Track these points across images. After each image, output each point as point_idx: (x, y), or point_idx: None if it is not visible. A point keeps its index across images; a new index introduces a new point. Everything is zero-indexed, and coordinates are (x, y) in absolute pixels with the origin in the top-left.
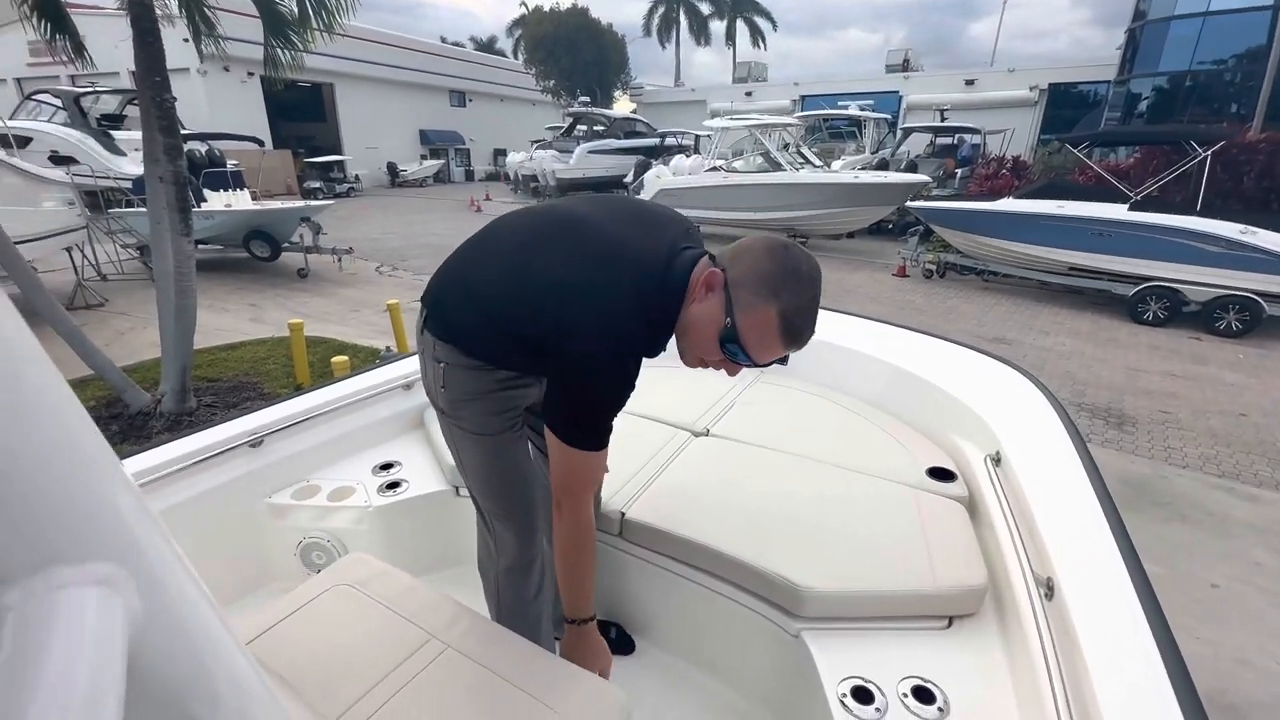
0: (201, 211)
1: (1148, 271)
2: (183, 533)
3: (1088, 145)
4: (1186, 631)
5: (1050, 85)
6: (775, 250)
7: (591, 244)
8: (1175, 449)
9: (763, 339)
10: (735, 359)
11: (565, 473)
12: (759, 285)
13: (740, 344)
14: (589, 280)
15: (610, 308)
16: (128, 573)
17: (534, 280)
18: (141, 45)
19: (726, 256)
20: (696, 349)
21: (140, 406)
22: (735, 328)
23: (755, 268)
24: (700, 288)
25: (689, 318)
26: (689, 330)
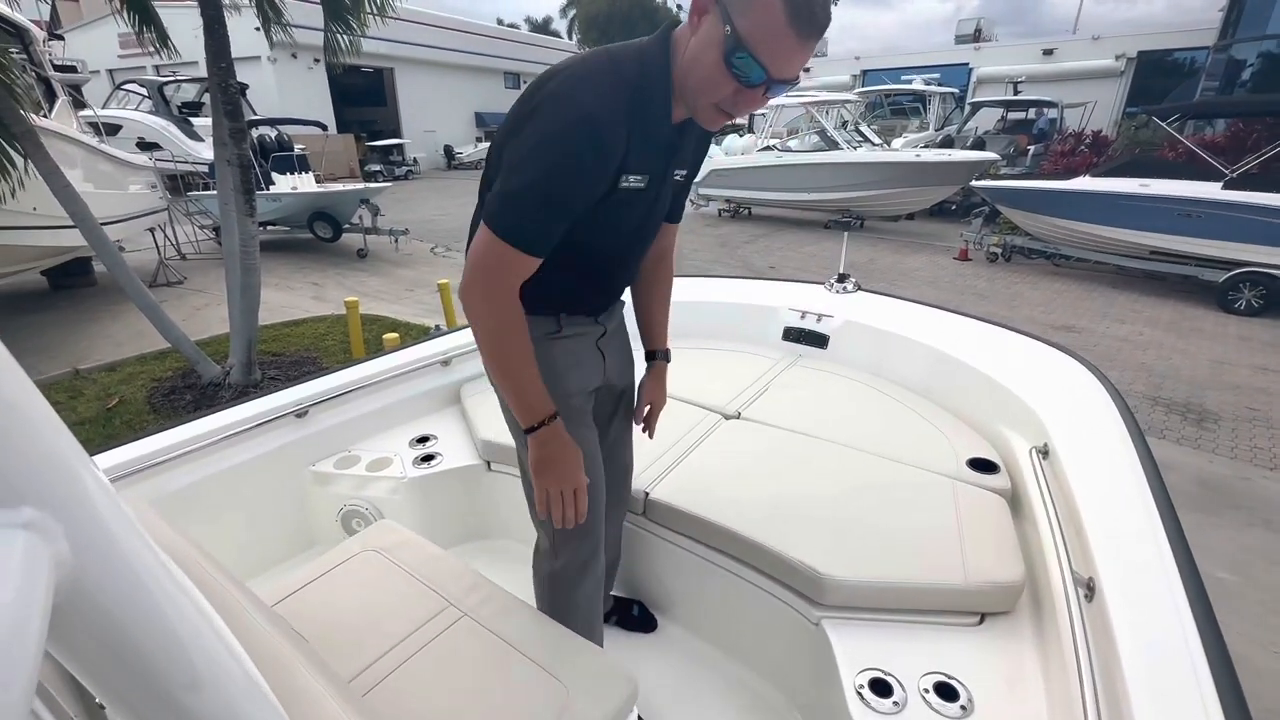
0: (269, 194)
1: (1242, 255)
2: (234, 495)
3: (1180, 117)
4: (1261, 644)
5: (1139, 53)
6: None
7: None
8: (1262, 449)
9: (771, 33)
10: (750, 79)
11: (477, 260)
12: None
13: (749, 51)
14: (570, 65)
15: (580, 67)
16: (56, 520)
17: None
18: (209, 33)
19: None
20: (705, 92)
21: (211, 377)
22: (737, 32)
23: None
24: (692, 20)
25: (688, 56)
26: (690, 73)
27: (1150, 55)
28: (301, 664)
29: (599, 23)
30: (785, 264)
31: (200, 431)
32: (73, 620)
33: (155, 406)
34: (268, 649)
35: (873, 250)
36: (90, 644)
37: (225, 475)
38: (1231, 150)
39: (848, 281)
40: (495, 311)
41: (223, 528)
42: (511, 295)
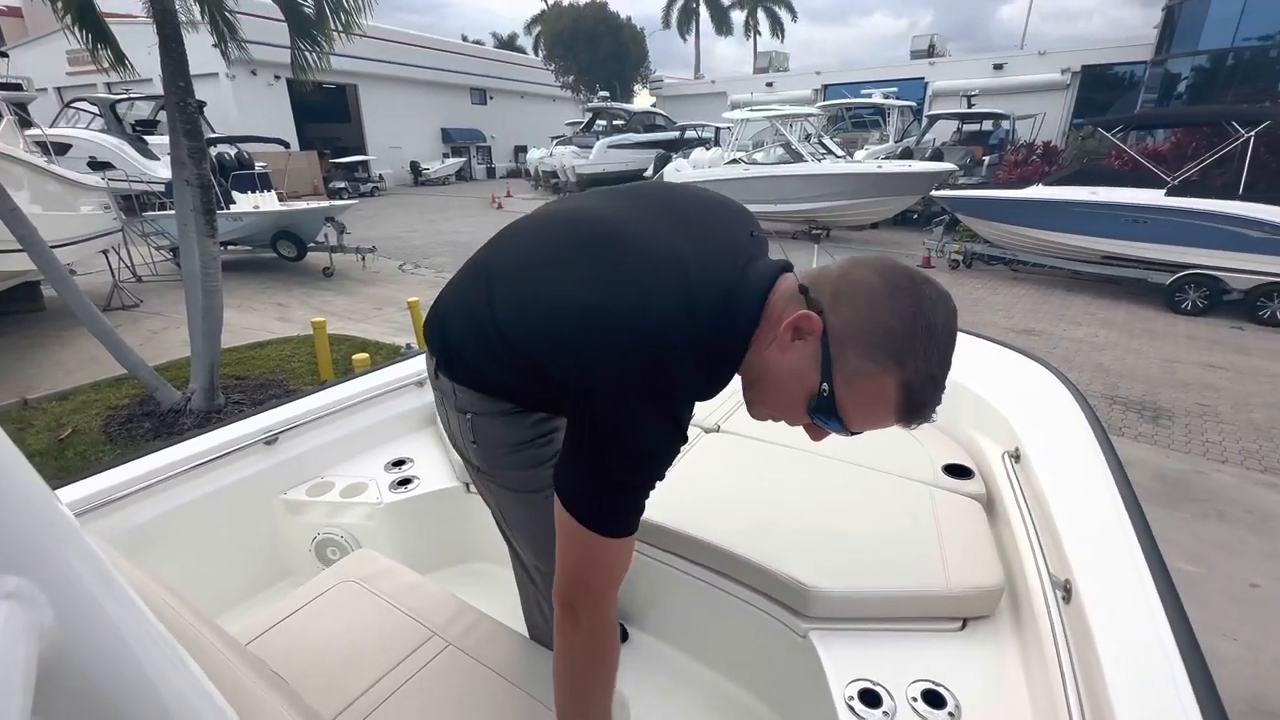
0: (230, 213)
1: (1186, 259)
2: (202, 527)
3: (1123, 128)
4: (1224, 633)
5: (1083, 68)
6: (899, 291)
7: (630, 255)
8: (1214, 443)
9: (871, 413)
10: (825, 427)
11: (582, 565)
12: (876, 345)
13: (840, 419)
14: (627, 305)
15: (656, 343)
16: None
17: (554, 304)
18: (165, 51)
19: (825, 290)
20: (771, 407)
21: (171, 404)
22: (834, 397)
23: (872, 319)
24: (786, 331)
25: (765, 364)
26: (762, 380)
27: (1093, 69)
28: (281, 706)
29: (564, 39)
30: None
31: (163, 463)
32: (57, 692)
33: (112, 436)
34: (245, 693)
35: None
36: (75, 717)
37: (191, 508)
38: (1173, 159)
39: None
40: (603, 632)
41: (189, 563)
42: (614, 602)
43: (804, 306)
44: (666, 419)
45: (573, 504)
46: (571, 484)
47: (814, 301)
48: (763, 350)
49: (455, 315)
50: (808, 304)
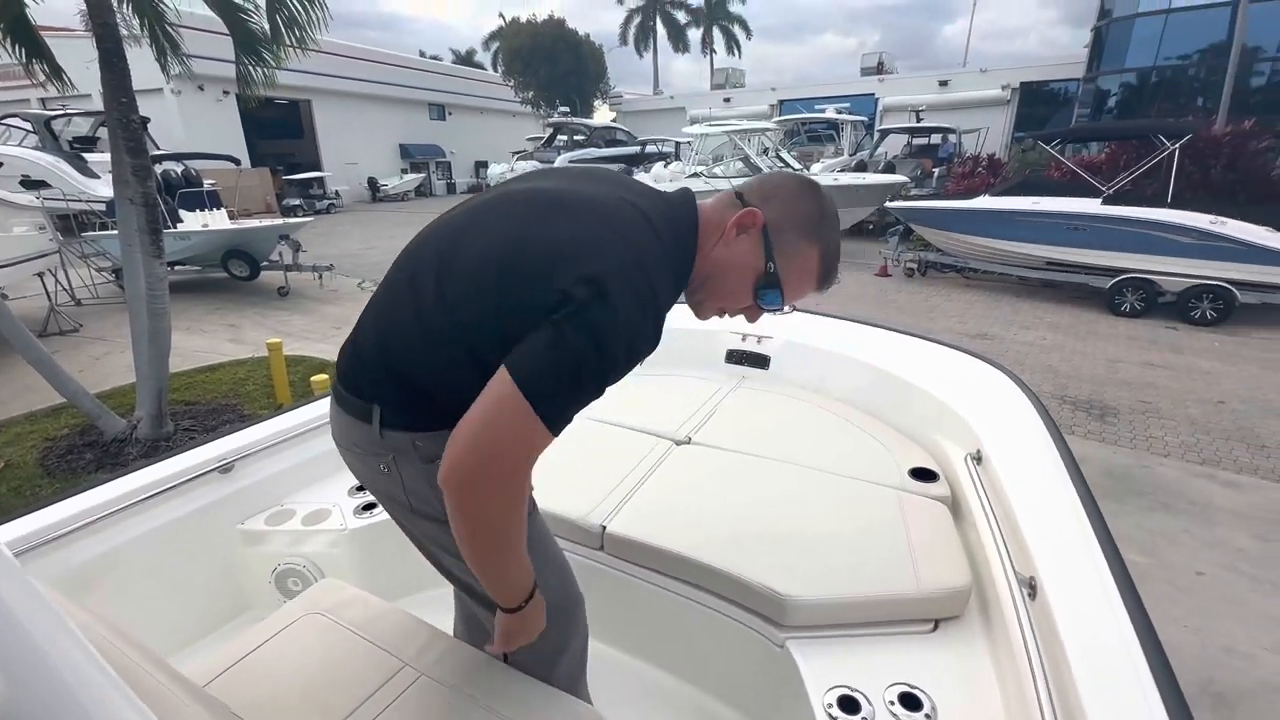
0: (177, 232)
1: (1123, 264)
2: (153, 563)
3: (1060, 142)
4: (1174, 621)
5: (1022, 84)
6: (808, 188)
7: (583, 200)
8: (1156, 438)
9: (802, 281)
10: (767, 305)
11: (510, 442)
12: (802, 228)
13: (780, 289)
14: (604, 228)
15: (638, 253)
16: None
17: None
18: (106, 66)
19: (755, 194)
20: (721, 298)
21: (115, 433)
22: (777, 271)
23: (796, 210)
24: (732, 228)
25: (715, 260)
26: (715, 275)
27: (1031, 86)
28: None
29: (523, 55)
30: None
31: (110, 496)
32: None
33: (50, 469)
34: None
35: None
36: None
37: (141, 543)
38: (1108, 169)
39: None
40: (512, 495)
41: (141, 602)
42: (528, 475)
43: (739, 209)
44: (649, 321)
45: (533, 385)
46: (538, 368)
47: (748, 203)
48: (710, 251)
49: (396, 334)
50: (747, 202)
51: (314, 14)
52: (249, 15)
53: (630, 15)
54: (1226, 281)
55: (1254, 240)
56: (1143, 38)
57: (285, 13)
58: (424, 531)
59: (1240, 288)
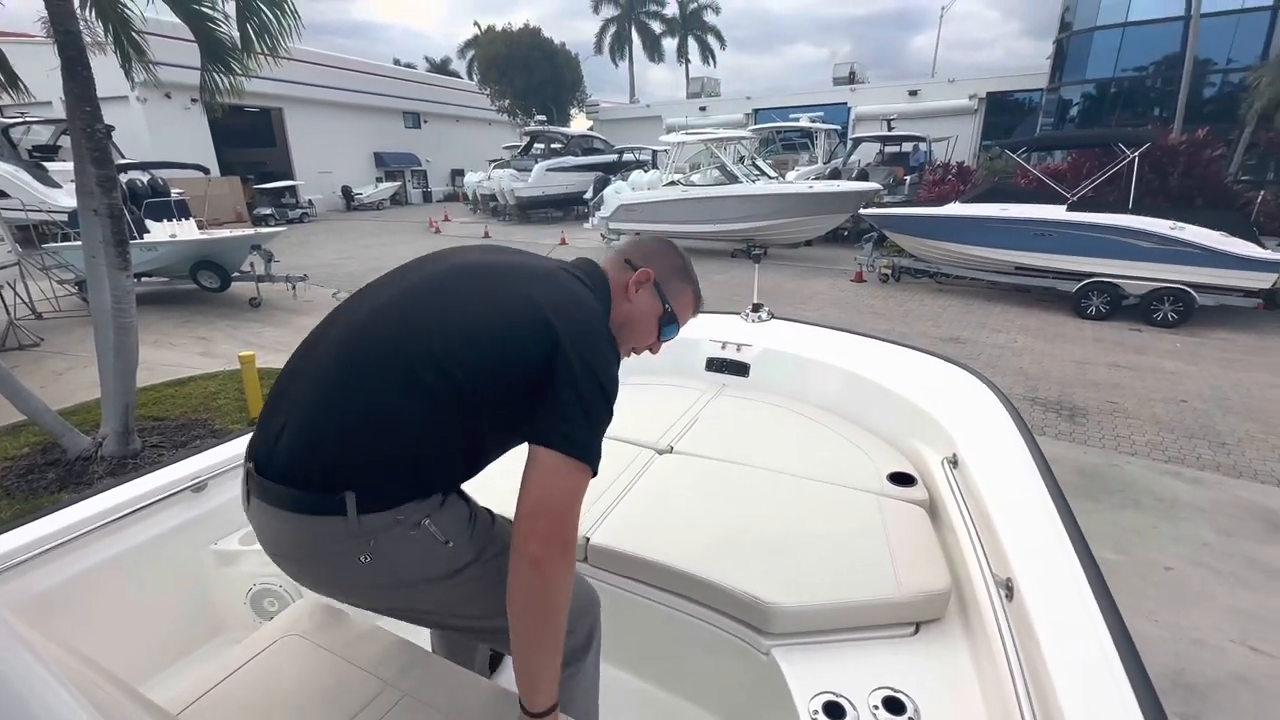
0: (144, 243)
1: (1088, 268)
2: (122, 587)
3: (1026, 150)
4: (1145, 615)
5: (988, 94)
6: (671, 246)
7: (526, 271)
8: (1124, 437)
9: (686, 314)
10: (667, 337)
11: (570, 504)
12: (677, 274)
13: (677, 323)
14: (562, 289)
15: (585, 294)
16: None
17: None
18: (69, 74)
19: (639, 257)
20: (633, 341)
21: (80, 451)
22: (672, 311)
23: (670, 263)
24: (633, 285)
25: (624, 314)
26: (626, 325)
27: (997, 95)
28: None
29: (498, 64)
30: None
31: (76, 519)
32: None
33: (9, 490)
34: None
35: (778, 275)
36: None
37: (110, 567)
38: (1072, 177)
39: (762, 311)
40: (571, 570)
41: (109, 628)
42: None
43: (632, 271)
44: (616, 364)
45: (577, 449)
46: (570, 430)
47: (638, 265)
48: (620, 305)
49: (374, 412)
50: (634, 268)
51: (285, 22)
52: (217, 24)
53: (606, 24)
54: (1186, 284)
55: (1210, 245)
56: (1102, 50)
57: (256, 21)
58: (432, 599)
59: (1199, 290)
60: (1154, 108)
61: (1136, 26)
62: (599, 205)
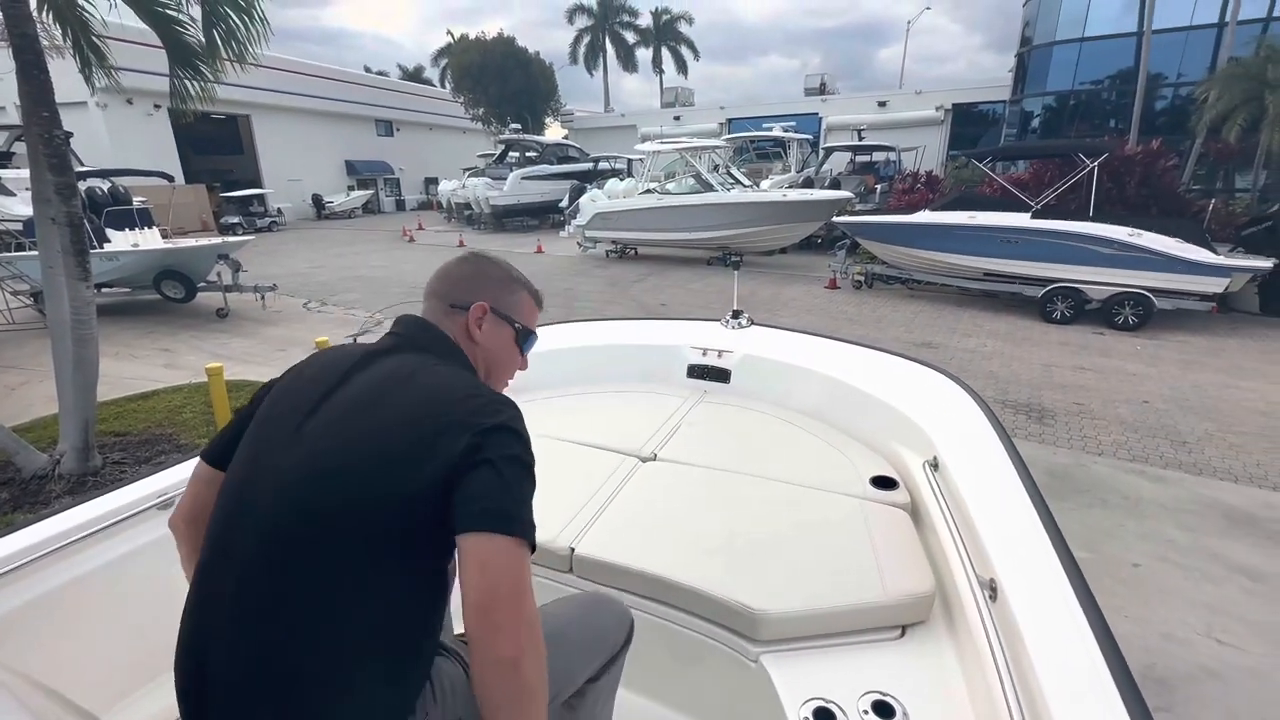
0: (104, 253)
1: (1052, 274)
2: (85, 610)
3: (991, 160)
4: (1116, 611)
5: (954, 105)
6: (483, 259)
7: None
8: (1090, 438)
9: (533, 318)
10: (528, 347)
11: (519, 584)
12: (505, 287)
13: (532, 332)
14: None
15: (445, 373)
16: None
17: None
18: (26, 78)
19: (463, 292)
20: (502, 374)
21: (35, 469)
22: (524, 325)
23: (493, 279)
24: (473, 326)
25: (482, 356)
26: (490, 365)
27: (963, 107)
28: None
29: (472, 72)
30: (675, 301)
31: (33, 540)
32: None
33: None
34: None
35: (754, 283)
36: None
37: (72, 590)
38: (1034, 186)
39: (742, 317)
40: (542, 654)
41: (74, 654)
42: None
43: (463, 313)
44: (513, 411)
45: (513, 524)
46: (499, 508)
47: (467, 303)
48: (473, 352)
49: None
50: (464, 308)
51: (254, 28)
52: (184, 28)
53: (580, 34)
54: (1145, 289)
55: (1167, 251)
56: (1061, 64)
57: (224, 27)
58: None
59: (1157, 294)
60: (1110, 119)
61: (1093, 42)
62: (575, 214)
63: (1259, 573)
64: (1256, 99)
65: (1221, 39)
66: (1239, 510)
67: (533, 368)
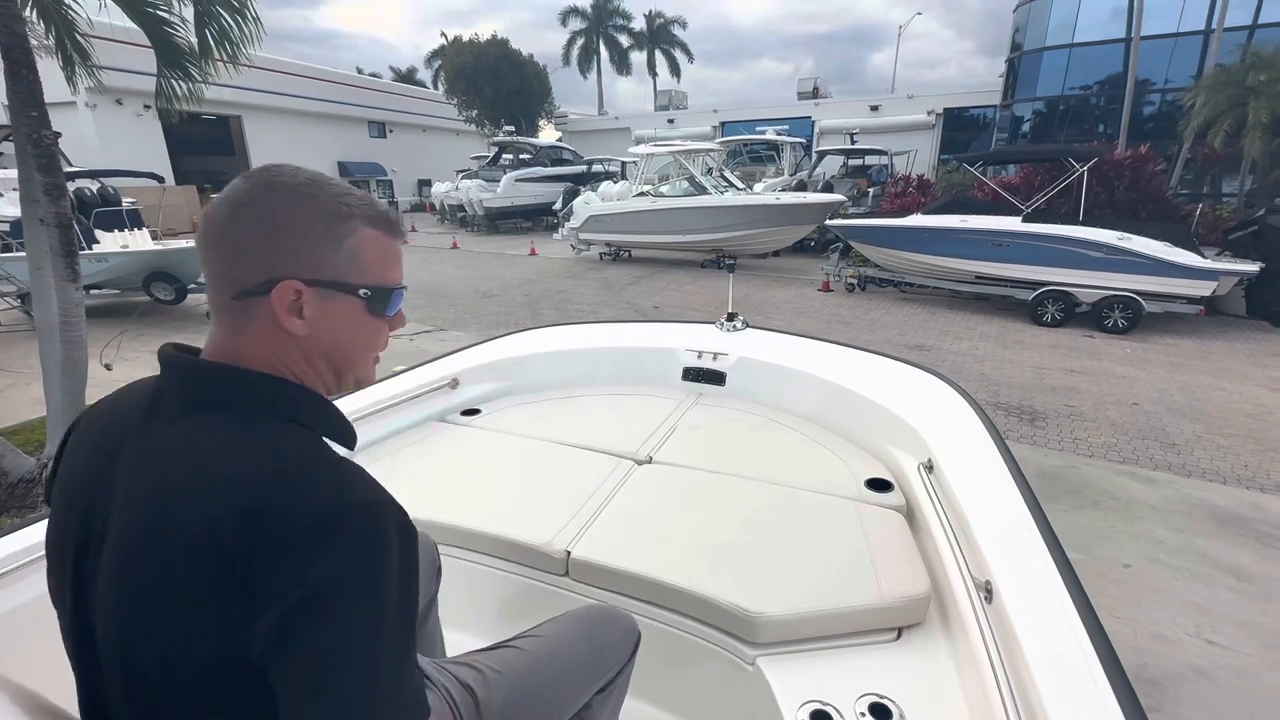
0: (94, 254)
1: (1043, 277)
2: None
3: (982, 164)
4: (1108, 612)
5: (945, 109)
6: (272, 187)
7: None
8: (1081, 440)
9: (385, 260)
10: (395, 307)
11: None
12: (326, 229)
13: (388, 286)
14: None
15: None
16: None
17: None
18: (14, 77)
19: (253, 272)
20: (357, 356)
21: (22, 473)
22: (367, 285)
23: (298, 223)
24: (284, 316)
25: (313, 347)
26: (331, 353)
27: (954, 111)
28: None
29: (466, 74)
30: (668, 303)
31: (20, 546)
32: None
33: None
34: None
35: (747, 286)
36: None
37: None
38: (1025, 190)
39: (737, 320)
40: None
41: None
42: None
43: (265, 296)
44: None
45: (389, 701)
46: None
47: (266, 278)
48: (295, 354)
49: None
50: (258, 288)
51: (246, 29)
52: (175, 29)
53: (574, 37)
54: (1134, 292)
55: (1155, 254)
56: (1051, 69)
57: (215, 27)
58: None
59: (1146, 298)
60: (1099, 124)
61: (1082, 48)
62: (568, 216)
63: (1247, 573)
64: (1241, 105)
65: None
66: (1227, 511)
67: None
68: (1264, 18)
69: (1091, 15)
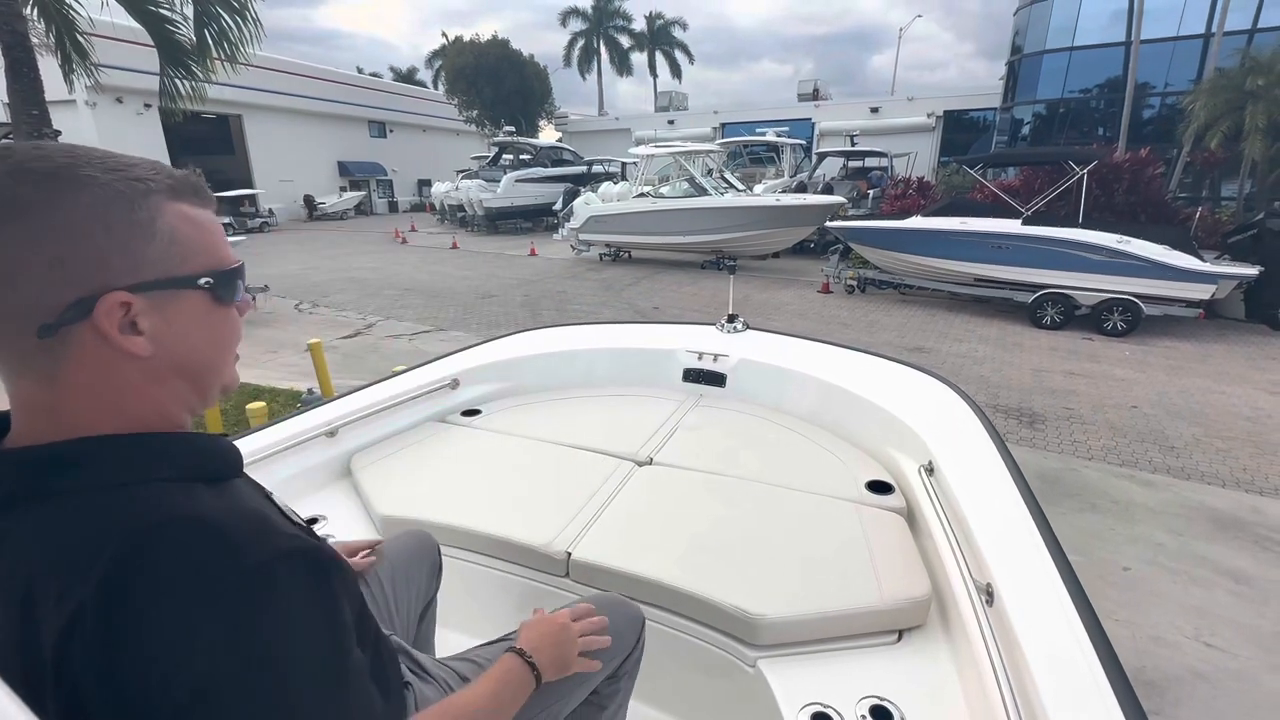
0: None
1: (1043, 280)
2: None
3: (982, 166)
4: (1107, 615)
5: (945, 112)
6: (23, 175)
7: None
8: (1080, 442)
9: (211, 230)
10: (239, 295)
11: None
12: (123, 217)
13: (228, 270)
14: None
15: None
16: None
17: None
18: (15, 75)
19: (36, 284)
20: (215, 356)
21: None
22: (204, 273)
23: (85, 218)
24: (119, 339)
25: (163, 363)
26: (184, 362)
27: (953, 114)
28: None
29: (466, 74)
30: (668, 304)
31: None
32: None
33: None
34: None
35: (747, 287)
36: None
37: None
38: (1024, 192)
39: (737, 321)
40: None
41: None
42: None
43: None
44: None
45: None
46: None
47: (68, 306)
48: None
49: None
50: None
51: (246, 28)
52: (176, 27)
53: (574, 37)
54: (1133, 295)
55: (1155, 257)
56: (1051, 72)
57: (216, 26)
58: None
59: (1145, 301)
60: (1099, 127)
61: (1082, 51)
62: (568, 216)
63: (1245, 576)
64: (1239, 109)
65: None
66: (1226, 514)
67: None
68: (1263, 22)
69: (1091, 19)
